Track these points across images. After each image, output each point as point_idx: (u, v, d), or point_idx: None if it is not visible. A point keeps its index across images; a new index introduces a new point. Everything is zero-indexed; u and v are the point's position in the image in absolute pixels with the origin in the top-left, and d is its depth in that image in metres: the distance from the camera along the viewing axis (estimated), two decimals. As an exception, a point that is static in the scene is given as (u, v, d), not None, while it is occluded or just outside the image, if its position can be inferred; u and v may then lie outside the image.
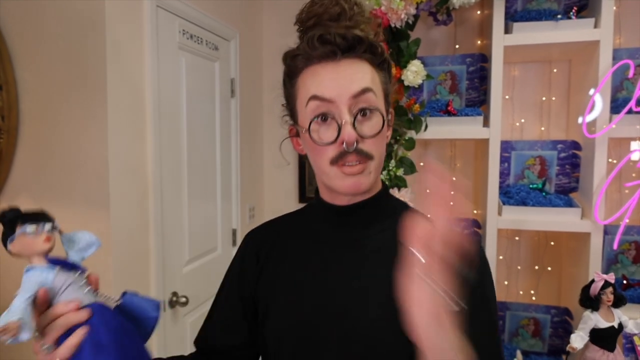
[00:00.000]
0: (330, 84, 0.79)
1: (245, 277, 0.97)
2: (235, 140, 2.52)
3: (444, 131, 2.21)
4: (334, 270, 0.86)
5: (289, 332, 0.87)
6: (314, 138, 0.80)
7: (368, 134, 0.79)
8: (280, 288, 0.90)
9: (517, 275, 2.50)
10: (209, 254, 2.31)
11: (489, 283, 0.87)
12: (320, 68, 0.80)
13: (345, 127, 0.77)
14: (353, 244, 0.87)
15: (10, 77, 1.69)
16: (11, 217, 0.65)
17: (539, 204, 2.17)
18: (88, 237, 0.73)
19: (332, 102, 0.78)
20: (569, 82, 2.39)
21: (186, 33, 2.05)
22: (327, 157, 0.80)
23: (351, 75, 0.79)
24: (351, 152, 0.78)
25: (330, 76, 0.79)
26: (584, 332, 1.79)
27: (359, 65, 0.81)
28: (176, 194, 2.02)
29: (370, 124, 0.80)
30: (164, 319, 1.94)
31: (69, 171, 1.67)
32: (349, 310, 0.82)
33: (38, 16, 1.65)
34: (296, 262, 0.91)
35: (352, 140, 0.77)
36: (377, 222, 0.88)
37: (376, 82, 0.82)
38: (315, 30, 0.80)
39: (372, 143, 0.80)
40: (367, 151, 0.80)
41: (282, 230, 0.98)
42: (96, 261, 1.66)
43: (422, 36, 2.31)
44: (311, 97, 0.80)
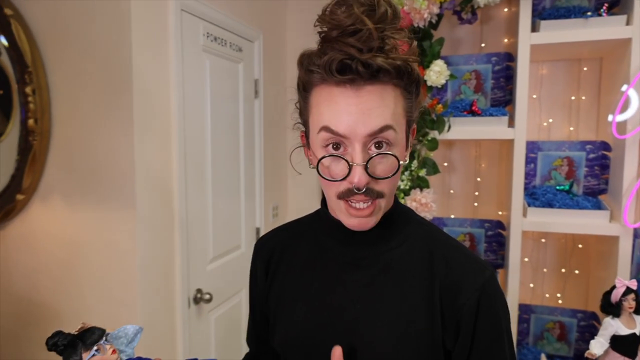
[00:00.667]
0: (345, 118, 0.71)
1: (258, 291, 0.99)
2: (258, 140, 2.55)
3: (467, 131, 2.19)
4: (340, 288, 0.84)
5: (294, 347, 0.87)
6: (322, 174, 0.76)
7: (381, 175, 0.74)
8: (285, 301, 0.91)
9: (542, 278, 2.45)
10: (232, 252, 2.36)
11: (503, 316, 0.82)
12: (338, 92, 0.72)
13: (356, 169, 0.71)
14: (360, 262, 0.85)
15: (43, 82, 1.76)
16: (69, 343, 0.71)
17: (566, 205, 2.12)
18: (131, 329, 0.78)
19: (346, 138, 0.72)
20: (600, 81, 2.32)
21: (210, 35, 2.09)
22: (335, 190, 0.76)
23: (370, 110, 0.71)
24: (360, 193, 0.73)
25: (347, 109, 0.71)
26: (604, 338, 1.75)
27: (381, 94, 0.72)
28: (200, 193, 2.06)
29: (384, 164, 0.74)
30: (189, 315, 2.00)
31: (97, 172, 1.73)
32: (354, 329, 0.81)
33: (68, 23, 1.71)
34: (302, 276, 0.90)
35: (362, 184, 0.72)
36: (386, 240, 0.85)
37: (398, 113, 0.75)
38: (335, 49, 0.71)
39: (384, 182, 0.75)
40: (378, 190, 0.75)
41: (289, 240, 0.97)
42: (123, 260, 1.74)
43: (446, 35, 2.29)
44: (323, 127, 0.73)
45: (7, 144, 1.80)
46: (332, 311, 0.84)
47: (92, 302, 1.79)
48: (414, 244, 0.85)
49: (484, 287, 0.79)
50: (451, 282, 0.80)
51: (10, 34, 1.71)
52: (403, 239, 0.86)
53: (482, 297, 0.79)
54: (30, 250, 1.87)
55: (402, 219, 0.88)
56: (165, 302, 1.87)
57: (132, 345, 0.77)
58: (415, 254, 0.84)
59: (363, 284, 0.83)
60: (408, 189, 2.12)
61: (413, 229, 0.87)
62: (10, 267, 1.90)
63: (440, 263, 0.82)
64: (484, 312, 0.79)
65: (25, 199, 1.83)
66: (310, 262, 0.90)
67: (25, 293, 1.89)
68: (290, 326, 0.88)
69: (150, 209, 1.76)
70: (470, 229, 2.39)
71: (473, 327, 0.79)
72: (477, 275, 0.80)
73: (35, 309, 1.89)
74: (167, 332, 1.89)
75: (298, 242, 0.95)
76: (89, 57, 1.70)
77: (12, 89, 1.76)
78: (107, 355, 0.72)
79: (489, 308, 0.79)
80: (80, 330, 0.72)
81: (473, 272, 0.81)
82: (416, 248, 0.85)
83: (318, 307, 0.86)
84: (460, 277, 0.80)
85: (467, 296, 0.79)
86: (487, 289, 0.80)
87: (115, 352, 0.73)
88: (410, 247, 0.85)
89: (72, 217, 1.79)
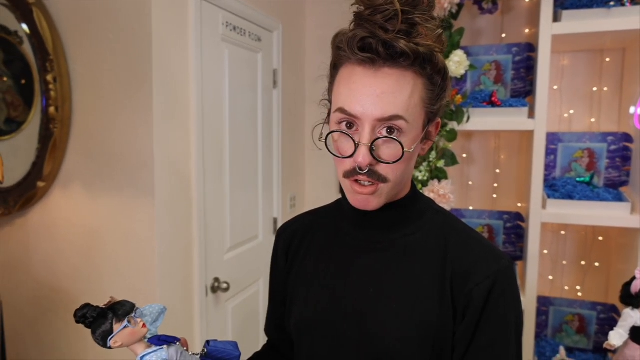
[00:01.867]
0: (359, 99, 0.73)
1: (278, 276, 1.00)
2: (277, 130, 2.55)
3: (487, 122, 2.16)
4: (355, 271, 0.85)
5: (308, 328, 0.88)
6: (331, 148, 0.78)
7: (385, 159, 0.74)
8: (302, 283, 0.92)
9: (562, 270, 2.43)
10: (250, 242, 2.36)
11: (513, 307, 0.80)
12: (359, 71, 0.73)
13: (361, 148, 0.73)
14: (375, 247, 0.85)
15: (64, 70, 1.77)
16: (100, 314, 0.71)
17: (586, 197, 2.10)
18: (156, 308, 0.80)
19: (357, 118, 0.74)
20: (622, 72, 2.28)
21: (229, 25, 2.09)
22: (342, 168, 0.78)
23: (383, 94, 0.72)
24: (364, 173, 0.75)
25: (362, 90, 0.73)
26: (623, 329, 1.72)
27: (399, 79, 0.72)
28: (219, 183, 2.07)
29: (390, 149, 0.75)
30: (207, 304, 2.01)
31: (117, 160, 1.74)
32: (366, 313, 0.82)
33: (89, 12, 1.72)
34: (319, 259, 0.91)
35: (365, 163, 0.73)
36: (403, 226, 0.85)
37: (414, 103, 0.74)
38: (363, 28, 0.72)
39: (390, 167, 0.75)
40: (382, 174, 0.76)
41: (310, 226, 0.98)
42: (142, 247, 1.75)
43: (467, 25, 2.27)
44: (338, 108, 0.76)
45: (28, 132, 1.82)
46: (346, 294, 0.85)
47: (110, 290, 1.81)
48: (430, 232, 0.85)
49: (497, 275, 0.78)
50: (464, 268, 0.79)
51: (32, 22, 1.72)
52: (420, 226, 0.86)
53: (494, 285, 0.77)
54: (50, 237, 1.89)
55: (419, 207, 0.88)
56: (184, 291, 1.88)
57: (156, 324, 0.78)
58: (430, 241, 0.84)
59: (377, 268, 0.84)
60: (426, 180, 2.11)
61: (430, 216, 0.87)
62: (31, 254, 1.92)
63: (455, 250, 0.82)
64: (493, 300, 0.77)
65: (46, 186, 1.84)
66: (327, 246, 0.92)
67: (45, 279, 1.91)
68: (304, 308, 0.90)
69: (169, 198, 1.77)
70: (488, 220, 2.37)
71: (480, 313, 0.77)
72: (491, 263, 0.79)
73: (54, 295, 1.91)
74: (185, 321, 1.90)
75: (318, 228, 0.97)
76: (109, 45, 1.71)
77: (33, 77, 1.78)
78: (139, 329, 0.72)
79: (500, 297, 0.78)
80: (109, 304, 0.71)
81: (487, 260, 0.80)
82: (432, 235, 0.84)
83: (332, 289, 0.87)
84: (474, 264, 0.79)
85: (477, 281, 0.78)
86: (500, 277, 0.78)
87: (145, 327, 0.73)
88: (426, 234, 0.85)
89: (92, 204, 1.80)
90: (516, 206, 2.48)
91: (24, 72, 1.79)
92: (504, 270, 0.79)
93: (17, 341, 1.97)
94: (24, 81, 1.80)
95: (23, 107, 1.82)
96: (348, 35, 0.73)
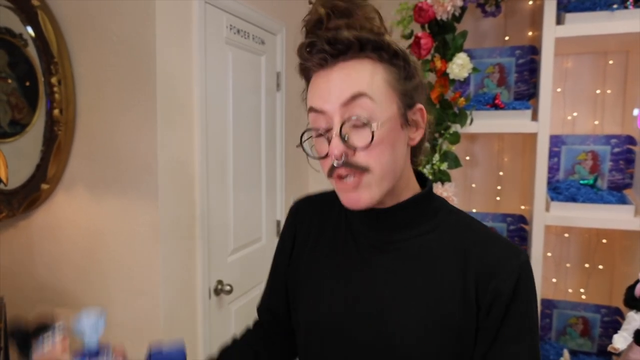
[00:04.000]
0: (320, 93, 0.75)
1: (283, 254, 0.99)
2: (280, 132, 2.55)
3: (490, 125, 2.17)
4: (368, 272, 0.84)
5: (317, 329, 0.87)
6: (307, 152, 0.80)
7: (359, 144, 0.73)
8: (312, 276, 0.91)
9: (565, 273, 2.43)
10: (253, 244, 2.36)
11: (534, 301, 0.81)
12: (317, 77, 0.77)
13: (333, 140, 0.73)
14: (389, 247, 0.84)
15: (68, 73, 1.77)
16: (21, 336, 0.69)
17: (590, 200, 2.10)
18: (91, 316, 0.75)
19: (324, 112, 0.74)
20: (626, 75, 2.28)
21: (233, 28, 2.09)
22: (325, 170, 0.79)
23: (340, 81, 0.74)
24: (340, 166, 0.74)
25: (322, 86, 0.75)
26: (627, 332, 1.73)
27: (355, 66, 0.74)
28: (222, 185, 2.07)
29: (361, 134, 0.74)
30: (210, 306, 2.01)
31: (120, 163, 1.75)
32: (380, 315, 0.80)
33: (93, 14, 1.72)
34: (328, 255, 0.90)
35: (338, 154, 0.73)
36: (414, 226, 0.84)
37: (377, 82, 0.74)
38: (305, 40, 0.77)
39: (368, 154, 0.74)
40: (359, 163, 0.74)
41: (322, 215, 0.96)
42: (145, 250, 1.75)
43: (470, 28, 2.27)
44: (308, 109, 0.78)
45: (32, 134, 1.82)
46: (359, 295, 0.83)
47: (114, 292, 1.81)
48: (445, 232, 0.83)
49: (520, 270, 0.78)
50: (487, 266, 0.78)
51: (37, 25, 1.72)
52: (433, 226, 0.84)
53: (518, 280, 0.77)
54: (54, 239, 1.89)
55: (431, 206, 0.86)
56: (187, 293, 1.88)
57: (96, 334, 0.75)
58: (445, 241, 0.82)
59: (391, 269, 0.82)
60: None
61: (443, 216, 0.86)
62: (34, 256, 1.93)
63: (475, 250, 0.80)
64: (518, 294, 0.77)
65: (50, 189, 1.84)
66: (339, 242, 0.90)
67: (48, 282, 1.91)
68: (314, 307, 0.88)
69: (172, 200, 1.77)
70: (492, 223, 2.37)
71: (506, 308, 0.77)
72: (513, 258, 0.79)
73: (57, 297, 1.91)
74: (187, 323, 1.90)
75: (331, 219, 0.94)
76: (114, 48, 1.71)
77: (38, 80, 1.78)
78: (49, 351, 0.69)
79: (523, 291, 0.78)
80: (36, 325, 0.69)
81: (509, 257, 0.79)
82: (447, 235, 0.83)
83: (344, 290, 0.85)
84: (497, 261, 0.79)
85: (503, 277, 0.77)
86: (522, 273, 0.78)
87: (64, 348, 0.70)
88: (440, 234, 0.83)
89: (96, 206, 1.80)
90: (519, 209, 2.48)
91: (29, 75, 1.80)
92: (524, 265, 0.79)
93: (21, 343, 1.97)
94: (28, 83, 1.81)
95: (27, 110, 1.83)
96: (297, 49, 0.78)
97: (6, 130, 1.82)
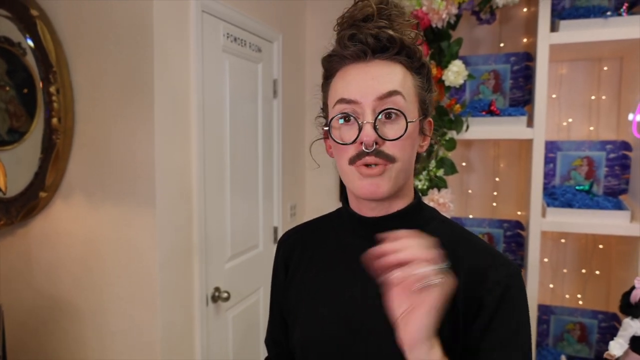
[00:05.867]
0: (356, 85, 0.77)
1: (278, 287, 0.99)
2: (277, 139, 2.57)
3: (486, 131, 2.18)
4: (361, 285, 0.83)
5: (313, 346, 0.86)
6: (334, 136, 0.80)
7: (390, 136, 0.76)
8: (305, 298, 0.90)
9: (562, 279, 2.43)
10: (250, 251, 2.37)
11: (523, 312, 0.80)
12: (351, 69, 0.79)
13: (365, 127, 0.75)
14: None
15: (66, 81, 1.79)
16: None
17: (586, 206, 2.10)
18: None
19: (357, 103, 0.77)
20: (620, 81, 2.30)
21: (230, 36, 2.11)
22: (347, 156, 0.79)
23: (379, 76, 0.77)
24: (370, 153, 0.76)
25: (358, 77, 0.78)
26: (623, 339, 1.73)
27: (390, 67, 0.78)
28: (219, 192, 2.08)
29: (393, 126, 0.77)
30: (207, 314, 2.01)
31: (118, 170, 1.75)
32: (377, 329, 0.80)
33: (91, 24, 1.74)
34: (321, 273, 0.90)
35: (370, 140, 0.75)
36: None
37: (408, 85, 0.79)
38: (348, 31, 0.79)
39: (395, 146, 0.77)
40: (389, 153, 0.77)
41: (311, 237, 0.97)
42: (142, 257, 1.75)
43: (465, 35, 2.29)
44: (338, 100, 0.79)
45: (31, 142, 1.83)
46: (352, 310, 0.83)
47: (111, 300, 1.82)
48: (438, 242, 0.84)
49: (507, 282, 0.78)
50: (475, 275, 0.79)
51: (35, 35, 1.74)
52: None
53: (504, 293, 0.77)
54: (51, 247, 1.89)
55: (424, 216, 0.87)
56: (184, 300, 1.89)
57: None
58: None
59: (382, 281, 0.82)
60: (426, 188, 2.12)
61: (436, 226, 0.86)
62: (32, 264, 1.93)
63: (464, 260, 0.80)
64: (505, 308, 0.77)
65: (48, 197, 1.85)
66: (331, 259, 0.90)
67: (46, 290, 1.92)
68: (310, 324, 0.88)
69: (169, 208, 1.78)
70: (488, 229, 2.38)
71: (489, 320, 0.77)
72: (500, 269, 0.80)
73: (55, 305, 1.92)
74: (185, 330, 1.90)
75: (319, 239, 0.95)
76: (112, 57, 1.73)
77: (36, 88, 1.80)
78: None
79: (510, 305, 0.78)
80: None
81: (496, 268, 0.80)
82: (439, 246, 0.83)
83: (339, 305, 0.85)
84: (484, 271, 0.79)
85: (490, 288, 0.77)
86: (510, 285, 0.78)
87: None
88: None
89: (93, 214, 1.81)
90: (516, 214, 2.48)
91: (27, 83, 1.81)
92: (513, 277, 0.80)
93: (18, 351, 1.97)
94: (26, 91, 1.82)
95: (25, 118, 1.84)
96: (337, 37, 0.81)
97: (4, 138, 1.83)
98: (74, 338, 1.90)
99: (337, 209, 0.98)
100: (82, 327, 1.88)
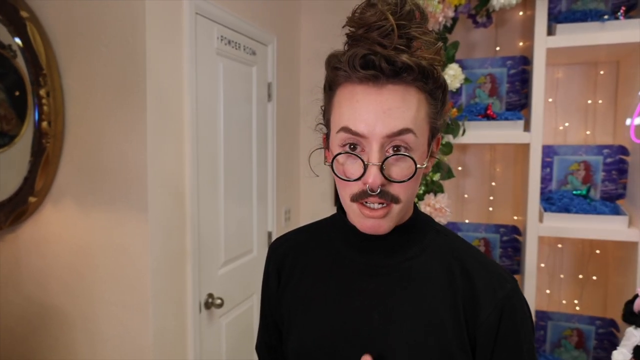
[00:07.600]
0: (366, 116, 0.70)
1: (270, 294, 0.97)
2: (271, 143, 2.54)
3: (482, 135, 2.16)
4: (357, 296, 0.82)
5: (308, 356, 0.85)
6: (337, 171, 0.75)
7: (396, 178, 0.72)
8: (300, 308, 0.88)
9: (559, 284, 2.41)
10: (244, 256, 2.34)
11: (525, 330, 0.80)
12: (360, 90, 0.71)
13: (371, 169, 0.70)
14: (377, 271, 0.82)
15: (57, 85, 1.76)
16: None
17: (583, 211, 2.09)
18: None
19: (364, 137, 0.71)
20: (617, 85, 2.29)
21: (224, 39, 2.08)
22: (349, 192, 0.75)
23: (390, 110, 0.69)
24: (375, 194, 0.71)
25: (369, 107, 0.70)
26: (626, 349, 1.70)
27: (404, 95, 0.70)
28: (212, 197, 2.05)
29: (400, 167, 0.72)
30: (200, 320, 1.98)
31: (109, 175, 1.72)
32: (371, 339, 0.79)
33: (82, 25, 1.71)
34: (317, 282, 0.88)
35: (376, 184, 0.70)
36: (404, 249, 0.82)
37: (421, 117, 0.72)
38: (360, 46, 0.70)
39: (401, 186, 0.73)
40: (393, 194, 0.73)
41: (304, 244, 0.94)
42: (134, 263, 1.72)
43: (461, 38, 2.27)
44: (342, 127, 0.72)
45: (20, 146, 1.80)
46: (348, 320, 0.81)
47: (103, 306, 1.78)
48: (434, 254, 0.83)
49: (505, 301, 0.77)
50: (471, 295, 0.78)
51: (25, 36, 1.71)
52: (422, 248, 0.83)
53: (502, 314, 0.77)
54: (41, 253, 1.86)
55: (421, 228, 0.85)
56: (177, 307, 1.86)
57: None
58: (434, 263, 0.81)
59: (381, 293, 0.81)
60: (422, 193, 2.09)
61: (432, 237, 0.85)
62: (21, 270, 1.90)
63: (460, 274, 0.80)
64: (504, 328, 0.77)
65: (37, 202, 1.82)
66: (326, 268, 0.88)
67: (36, 296, 1.88)
68: (304, 334, 0.86)
69: (162, 213, 1.75)
70: (485, 234, 2.36)
71: (494, 341, 0.77)
72: (497, 289, 0.78)
73: (45, 312, 1.88)
74: (178, 337, 1.87)
75: (313, 246, 0.93)
76: (103, 60, 1.70)
77: (26, 91, 1.77)
78: None
79: (511, 323, 0.77)
80: None
81: (493, 287, 0.78)
82: (436, 258, 0.82)
83: (334, 315, 0.83)
84: (480, 291, 0.78)
85: (487, 312, 0.77)
86: (508, 304, 0.77)
87: None
88: (429, 256, 0.82)
89: (84, 220, 1.78)
90: (512, 219, 2.47)
91: (17, 86, 1.78)
92: (509, 294, 0.78)
93: (7, 359, 1.93)
94: (17, 93, 1.79)
95: (16, 121, 1.81)
96: (347, 55, 0.71)
97: (-7, 142, 1.80)
98: (65, 345, 1.86)
99: (331, 216, 0.95)
100: (73, 333, 1.84)
